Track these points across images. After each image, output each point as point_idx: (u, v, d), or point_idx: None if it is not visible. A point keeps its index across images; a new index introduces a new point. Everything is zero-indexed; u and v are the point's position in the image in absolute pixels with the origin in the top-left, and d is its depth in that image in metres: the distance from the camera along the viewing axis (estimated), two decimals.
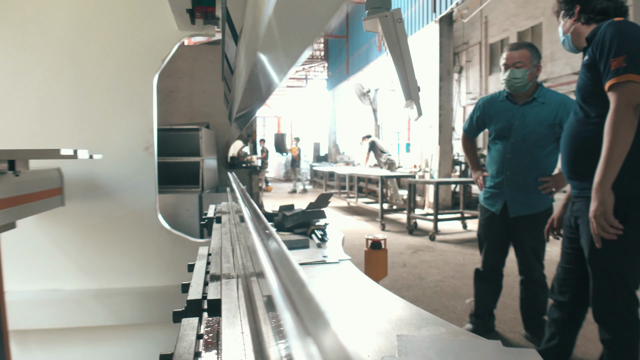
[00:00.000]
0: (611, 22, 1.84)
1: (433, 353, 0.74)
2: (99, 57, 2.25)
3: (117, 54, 2.24)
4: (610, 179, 1.75)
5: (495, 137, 2.89)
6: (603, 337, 1.96)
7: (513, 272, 3.12)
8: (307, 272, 1.66)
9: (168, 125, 4.25)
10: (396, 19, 2.33)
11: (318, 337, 0.22)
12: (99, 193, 2.28)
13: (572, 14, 2.05)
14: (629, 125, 1.72)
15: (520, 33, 15.40)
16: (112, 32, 2.24)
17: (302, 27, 0.34)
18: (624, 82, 1.71)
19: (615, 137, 1.72)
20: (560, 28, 2.13)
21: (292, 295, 0.26)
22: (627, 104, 1.70)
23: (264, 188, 15.22)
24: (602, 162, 1.76)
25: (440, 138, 9.73)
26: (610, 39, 1.77)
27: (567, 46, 2.13)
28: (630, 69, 1.70)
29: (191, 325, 0.59)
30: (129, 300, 2.24)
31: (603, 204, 1.77)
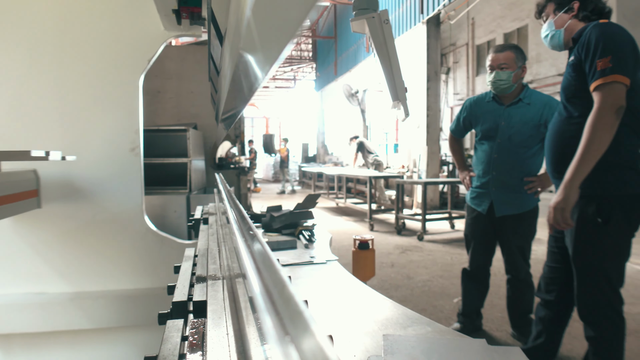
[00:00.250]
0: (597, 23, 1.86)
1: (419, 352, 0.74)
2: (83, 57, 2.22)
3: (102, 54, 2.22)
4: (580, 177, 1.79)
5: (482, 138, 2.92)
6: (588, 334, 1.99)
7: (500, 271, 3.15)
8: (294, 273, 1.67)
9: (155, 126, 4.22)
10: (383, 20, 2.35)
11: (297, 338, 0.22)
12: (84, 195, 2.25)
13: (570, 9, 2.03)
14: (609, 126, 1.74)
15: (507, 34, 15.56)
16: (97, 32, 2.21)
17: (279, 27, 0.34)
18: (610, 82, 1.73)
19: (593, 137, 1.75)
20: (549, 23, 2.10)
21: (273, 296, 0.26)
22: (611, 104, 1.73)
23: (252, 189, 15.18)
24: (575, 160, 1.79)
25: (427, 139, 9.79)
26: (596, 40, 1.79)
27: (556, 41, 2.10)
28: (616, 69, 1.72)
29: (176, 327, 0.59)
30: (115, 302, 2.22)
31: (566, 200, 1.81)
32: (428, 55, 9.92)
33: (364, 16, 2.17)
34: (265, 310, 0.25)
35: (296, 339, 0.22)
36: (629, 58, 1.77)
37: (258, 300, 0.27)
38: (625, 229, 1.89)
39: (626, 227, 1.89)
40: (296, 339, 0.22)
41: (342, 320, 1.18)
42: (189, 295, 0.70)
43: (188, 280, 0.78)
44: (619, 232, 1.88)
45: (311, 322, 0.23)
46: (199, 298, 0.65)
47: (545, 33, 2.13)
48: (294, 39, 0.33)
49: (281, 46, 0.35)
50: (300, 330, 0.22)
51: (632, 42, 1.81)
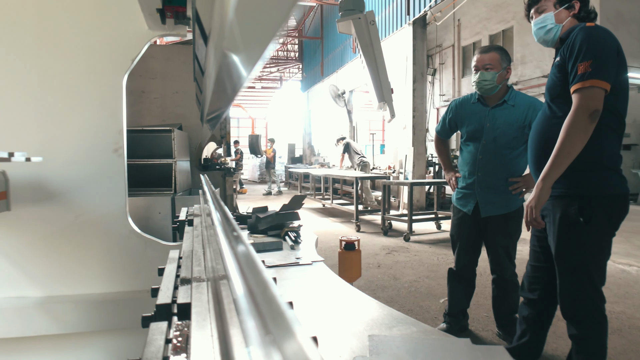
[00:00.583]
0: (583, 26, 1.88)
1: (404, 352, 0.74)
2: (65, 57, 2.18)
3: (84, 53, 2.18)
4: (553, 178, 1.83)
5: (467, 139, 2.94)
6: (571, 332, 2.02)
7: (486, 271, 3.18)
8: (280, 274, 1.66)
9: (139, 126, 4.17)
10: (369, 21, 2.37)
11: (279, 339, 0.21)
12: (66, 196, 2.21)
13: (571, 7, 2.03)
14: (583, 130, 1.77)
15: (492, 36, 15.76)
16: (79, 31, 2.17)
17: (262, 27, 0.34)
18: (588, 87, 1.76)
19: (568, 139, 1.79)
20: (549, 15, 2.06)
21: (255, 297, 0.26)
22: (586, 108, 1.76)
23: (238, 190, 15.10)
24: (550, 160, 1.83)
25: (414, 140, 9.84)
26: (580, 43, 1.81)
27: (551, 35, 2.07)
28: (595, 74, 1.75)
29: (160, 330, 0.58)
30: (99, 306, 2.18)
31: (537, 199, 1.86)
32: (414, 56, 9.97)
33: (350, 17, 2.18)
34: (248, 311, 0.25)
35: (278, 340, 0.21)
36: (610, 63, 1.80)
37: (240, 302, 0.26)
38: (606, 228, 1.92)
39: (607, 226, 1.92)
40: (278, 339, 0.21)
41: (327, 321, 1.17)
42: (173, 298, 0.69)
43: (172, 282, 0.77)
44: (600, 232, 1.91)
45: (294, 323, 0.22)
46: (183, 300, 0.64)
47: (543, 24, 2.08)
48: (277, 39, 0.33)
49: (264, 46, 0.34)
50: (282, 331, 0.22)
51: (616, 47, 1.84)
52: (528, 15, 2.19)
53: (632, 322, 3.46)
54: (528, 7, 2.17)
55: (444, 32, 17.65)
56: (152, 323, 0.60)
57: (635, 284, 4.52)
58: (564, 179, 1.90)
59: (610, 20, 12.78)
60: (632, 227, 7.41)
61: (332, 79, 16.74)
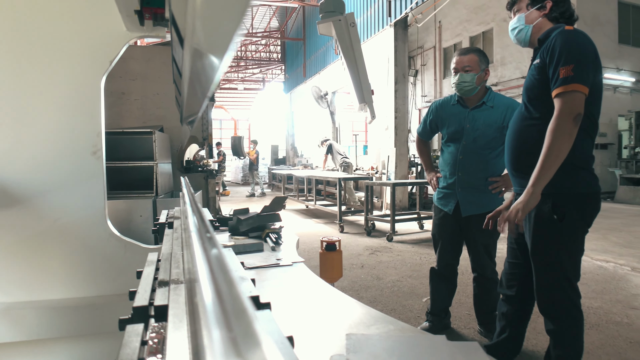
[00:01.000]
0: (563, 30, 1.92)
1: (381, 350, 0.75)
2: (41, 58, 2.14)
3: (62, 55, 2.15)
4: (543, 183, 1.85)
5: (448, 140, 2.98)
6: (548, 328, 2.06)
7: (468, 270, 3.22)
8: (260, 276, 1.67)
9: (120, 128, 4.12)
10: (349, 23, 2.38)
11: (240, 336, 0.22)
12: (42, 200, 2.17)
13: (542, 7, 2.06)
14: (568, 133, 1.81)
15: (472, 38, 15.98)
16: (55, 31, 2.14)
17: (223, 28, 0.34)
18: (570, 91, 1.80)
19: (554, 143, 1.82)
20: (520, 17, 2.11)
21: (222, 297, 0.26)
22: (569, 112, 1.80)
23: (221, 192, 15.01)
24: (538, 166, 1.86)
25: (396, 140, 9.90)
26: (560, 46, 1.85)
27: (522, 36, 2.11)
28: (577, 79, 1.79)
29: (136, 332, 0.58)
30: (77, 310, 2.15)
31: (526, 203, 1.88)
32: (396, 57, 10.04)
33: (331, 19, 2.19)
34: (212, 310, 0.25)
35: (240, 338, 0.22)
36: (589, 68, 1.84)
37: (204, 301, 0.27)
38: (579, 225, 1.97)
39: (580, 223, 1.97)
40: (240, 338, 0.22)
41: (305, 321, 1.18)
42: (151, 300, 0.69)
43: (150, 285, 0.77)
44: (573, 229, 1.96)
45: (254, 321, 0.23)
46: (160, 302, 0.64)
47: (514, 26, 2.13)
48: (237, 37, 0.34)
49: (225, 46, 0.35)
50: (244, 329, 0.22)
51: (594, 51, 1.89)
52: (510, 16, 2.23)
53: (609, 317, 3.54)
54: (509, 8, 2.22)
55: (426, 34, 17.83)
56: (128, 325, 0.60)
57: (612, 279, 4.62)
58: None
59: (586, 22, 13.06)
60: (609, 225, 7.59)
61: (314, 80, 16.76)
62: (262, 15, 21.90)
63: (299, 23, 19.78)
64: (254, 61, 24.89)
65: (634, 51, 14.47)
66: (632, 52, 14.40)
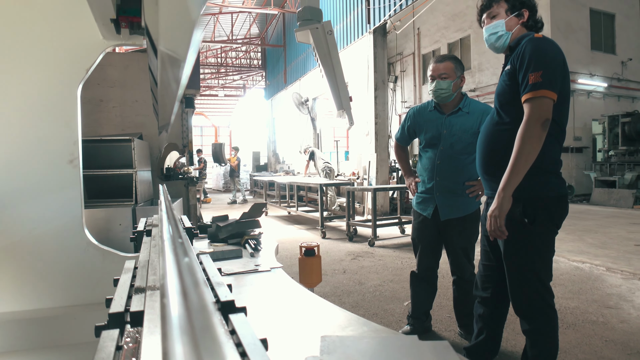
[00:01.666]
0: (532, 37, 1.98)
1: (354, 351, 0.77)
2: (16, 67, 2.11)
3: (37, 63, 2.12)
4: (513, 186, 1.91)
5: (426, 145, 3.03)
6: (524, 328, 2.10)
7: (448, 273, 3.27)
8: (238, 282, 1.68)
9: (98, 136, 4.08)
10: (327, 30, 2.41)
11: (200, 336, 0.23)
12: (17, 210, 2.14)
13: (520, 15, 2.11)
14: (537, 138, 1.87)
15: (451, 44, 16.23)
16: (30, 39, 2.12)
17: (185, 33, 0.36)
18: (539, 97, 1.86)
19: (523, 148, 1.87)
20: (500, 22, 2.12)
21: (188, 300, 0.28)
22: (538, 117, 1.85)
23: (202, 199, 14.90)
24: (508, 170, 1.91)
25: (376, 146, 9.98)
26: (530, 53, 1.91)
27: (502, 42, 2.13)
28: (545, 85, 1.85)
29: (111, 337, 0.58)
30: (55, 320, 2.12)
31: (500, 208, 1.94)
32: (375, 64, 10.14)
33: (308, 27, 2.21)
34: (178, 315, 0.26)
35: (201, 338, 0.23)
36: (557, 74, 1.90)
37: (170, 307, 0.28)
38: (550, 227, 2.03)
39: (550, 226, 2.03)
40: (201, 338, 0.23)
41: (282, 324, 1.20)
42: (126, 307, 0.70)
43: (126, 292, 0.77)
44: (544, 231, 2.02)
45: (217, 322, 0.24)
46: (136, 309, 0.65)
47: (495, 31, 2.14)
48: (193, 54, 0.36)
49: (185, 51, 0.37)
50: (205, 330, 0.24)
51: (562, 58, 1.95)
52: (480, 19, 2.25)
53: (585, 317, 3.62)
54: (480, 11, 2.23)
55: (405, 41, 18.05)
56: (104, 331, 0.60)
57: (588, 280, 4.73)
58: None
59: (560, 29, 13.41)
60: (584, 226, 7.76)
61: (295, 86, 16.82)
62: (242, 22, 21.90)
63: (279, 30, 19.85)
64: (234, 68, 24.86)
65: (606, 57, 14.90)
66: (604, 58, 14.83)
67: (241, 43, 22.33)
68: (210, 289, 0.69)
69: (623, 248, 6.28)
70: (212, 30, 21.35)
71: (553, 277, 2.12)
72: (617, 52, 15.25)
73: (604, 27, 14.93)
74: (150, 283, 0.73)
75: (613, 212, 10.53)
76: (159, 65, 0.57)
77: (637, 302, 3.96)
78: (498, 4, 2.15)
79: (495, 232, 2.00)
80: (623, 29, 15.35)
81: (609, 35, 15.10)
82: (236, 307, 0.62)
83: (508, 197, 1.92)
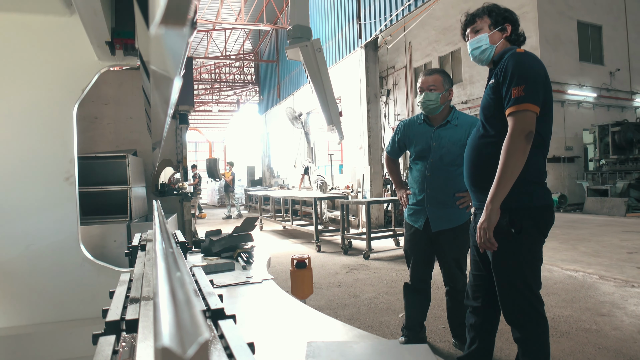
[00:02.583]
0: (514, 52, 2.05)
1: (338, 355, 0.80)
2: (14, 87, 2.16)
3: (34, 83, 2.17)
4: (500, 198, 1.96)
5: (416, 158, 3.09)
6: (515, 336, 2.13)
7: (442, 284, 3.30)
8: (230, 293, 1.72)
9: (93, 153, 4.11)
10: (316, 48, 2.47)
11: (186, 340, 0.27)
12: (14, 226, 2.17)
13: (503, 29, 2.19)
14: (521, 151, 1.92)
15: (442, 58, 16.44)
16: (28, 60, 2.17)
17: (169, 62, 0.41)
18: (522, 110, 1.92)
19: (508, 160, 1.93)
20: (484, 36, 2.19)
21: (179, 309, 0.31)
22: (521, 130, 1.91)
23: (198, 215, 14.88)
24: (495, 183, 1.97)
25: (370, 159, 10.04)
26: (512, 68, 1.97)
27: (486, 55, 2.21)
28: (528, 98, 1.91)
29: (108, 342, 0.61)
30: (52, 335, 2.13)
31: (488, 220, 1.99)
32: (367, 78, 10.25)
33: (298, 44, 2.27)
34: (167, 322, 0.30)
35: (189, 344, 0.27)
36: (539, 88, 1.97)
37: (160, 315, 0.31)
38: (537, 236, 2.08)
39: (537, 235, 2.08)
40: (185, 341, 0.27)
41: (270, 331, 1.24)
42: (122, 315, 0.73)
43: (122, 302, 0.81)
44: (531, 240, 2.06)
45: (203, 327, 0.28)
46: (131, 317, 0.68)
47: (479, 45, 2.21)
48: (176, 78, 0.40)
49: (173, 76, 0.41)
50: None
51: (543, 73, 2.02)
52: (464, 34, 2.33)
53: (579, 325, 3.65)
54: (464, 26, 2.31)
55: (396, 54, 18.26)
56: (101, 337, 0.64)
57: (582, 288, 4.76)
58: None
59: (548, 42, 13.63)
60: (578, 235, 7.81)
61: (288, 101, 16.92)
62: (235, 38, 22.09)
63: (272, 45, 20.02)
64: (228, 83, 25.00)
65: (595, 68, 15.14)
66: (593, 69, 15.07)
67: (235, 59, 22.49)
68: (202, 298, 0.73)
69: (616, 256, 6.33)
70: (206, 46, 21.52)
71: (547, 286, 2.17)
72: (605, 62, 15.51)
73: (591, 38, 15.19)
74: (145, 294, 0.77)
75: (606, 220, 10.61)
76: (151, 84, 0.61)
77: (630, 309, 4.00)
78: (481, 19, 2.23)
79: (485, 245, 2.05)
80: (610, 40, 15.63)
81: (596, 47, 15.36)
82: (225, 314, 0.66)
83: (496, 210, 1.97)
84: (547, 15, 13.59)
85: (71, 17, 2.10)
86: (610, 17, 15.67)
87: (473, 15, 2.27)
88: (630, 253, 6.50)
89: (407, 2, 8.76)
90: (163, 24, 0.40)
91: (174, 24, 0.41)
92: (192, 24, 0.41)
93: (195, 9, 0.42)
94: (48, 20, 2.12)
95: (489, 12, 2.22)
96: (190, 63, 7.07)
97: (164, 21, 0.40)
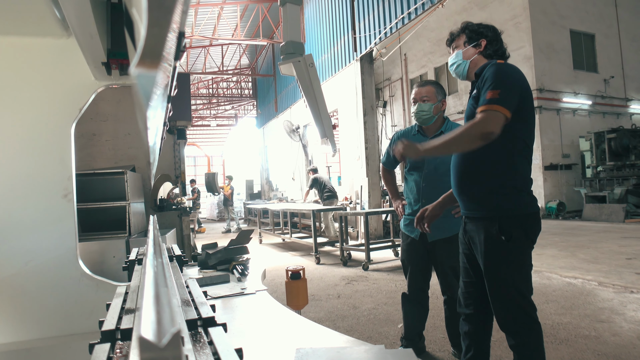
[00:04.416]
0: (495, 63, 2.12)
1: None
2: (13, 107, 2.21)
3: (33, 103, 2.22)
4: (430, 154, 2.08)
5: (411, 169, 3.13)
6: (510, 343, 2.15)
7: (441, 293, 3.31)
8: (224, 304, 1.75)
9: (91, 169, 4.14)
10: (308, 63, 2.53)
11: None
12: (13, 243, 2.20)
13: (478, 45, 2.28)
14: (471, 142, 1.97)
15: (437, 69, 16.59)
16: (26, 81, 2.21)
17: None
18: (492, 110, 1.96)
19: (456, 140, 1.99)
20: (457, 53, 2.33)
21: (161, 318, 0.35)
22: (483, 127, 1.93)
23: (197, 229, 14.87)
24: (437, 143, 2.03)
25: (368, 170, 10.08)
26: (491, 75, 2.05)
27: (460, 70, 2.33)
28: (500, 101, 1.96)
29: (103, 350, 0.64)
30: (51, 350, 2.15)
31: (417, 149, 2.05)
32: (363, 90, 10.34)
33: (291, 60, 2.33)
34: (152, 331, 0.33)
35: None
36: (514, 95, 2.02)
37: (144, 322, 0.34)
38: (526, 243, 2.12)
39: (526, 241, 2.11)
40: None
41: (261, 339, 1.28)
42: (117, 325, 0.76)
43: (117, 313, 0.83)
44: (520, 247, 2.10)
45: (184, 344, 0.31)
46: (126, 326, 0.71)
47: (453, 61, 2.35)
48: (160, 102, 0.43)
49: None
50: None
51: (521, 81, 2.09)
52: (449, 51, 2.44)
53: (578, 332, 3.66)
54: (448, 44, 2.45)
55: (392, 66, 18.42)
56: (97, 345, 0.67)
57: (581, 295, 4.77)
58: (484, 202, 2.13)
59: (542, 51, 13.77)
60: (577, 242, 7.82)
61: (286, 114, 17.02)
62: (232, 53, 22.28)
63: (269, 60, 20.19)
64: (225, 98, 25.16)
65: (589, 76, 15.29)
66: (587, 77, 15.21)
67: (232, 74, 22.67)
68: (194, 308, 0.76)
69: (615, 262, 6.34)
70: (203, 62, 21.70)
71: (546, 293, 2.20)
72: (599, 70, 15.66)
73: (584, 47, 15.35)
74: (140, 305, 0.80)
75: (605, 227, 10.63)
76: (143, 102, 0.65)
77: (629, 315, 4.01)
78: (459, 37, 2.36)
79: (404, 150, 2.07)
80: (603, 48, 15.80)
81: (590, 55, 15.52)
82: (215, 322, 0.69)
83: (422, 152, 2.05)
84: (540, 25, 13.76)
85: (68, 39, 2.15)
86: (603, 26, 15.85)
87: (452, 33, 2.41)
88: (629, 259, 6.51)
89: (402, 15, 8.88)
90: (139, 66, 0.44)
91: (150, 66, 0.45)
92: (177, 55, 0.45)
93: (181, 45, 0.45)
94: (46, 42, 2.17)
95: (463, 30, 2.35)
96: (188, 78, 7.14)
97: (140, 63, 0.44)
